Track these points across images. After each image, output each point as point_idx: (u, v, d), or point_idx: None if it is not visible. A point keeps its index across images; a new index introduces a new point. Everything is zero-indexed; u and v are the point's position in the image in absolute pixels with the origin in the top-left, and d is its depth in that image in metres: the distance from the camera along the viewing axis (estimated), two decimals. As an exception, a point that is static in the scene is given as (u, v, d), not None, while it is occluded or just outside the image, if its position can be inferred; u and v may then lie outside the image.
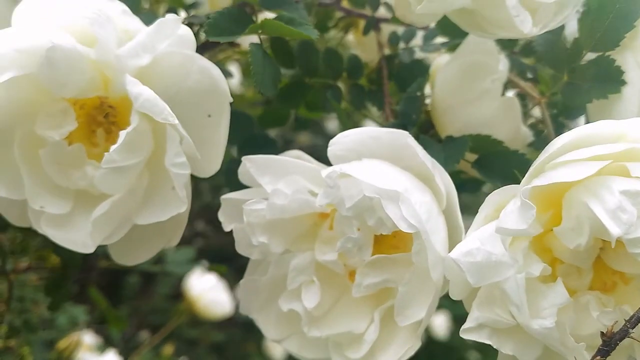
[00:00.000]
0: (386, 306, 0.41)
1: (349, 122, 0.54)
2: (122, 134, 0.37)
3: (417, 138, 0.49)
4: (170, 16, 0.39)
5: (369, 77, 0.59)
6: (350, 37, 0.67)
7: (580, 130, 0.36)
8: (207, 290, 1.21)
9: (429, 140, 0.48)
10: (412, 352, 0.39)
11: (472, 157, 0.48)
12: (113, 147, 0.37)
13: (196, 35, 0.58)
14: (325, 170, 0.39)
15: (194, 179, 0.44)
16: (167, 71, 0.41)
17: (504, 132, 0.48)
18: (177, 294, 1.51)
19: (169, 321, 1.39)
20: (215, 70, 0.41)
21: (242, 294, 0.44)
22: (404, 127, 0.50)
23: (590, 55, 0.43)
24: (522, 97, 0.54)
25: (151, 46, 0.38)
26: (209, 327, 1.60)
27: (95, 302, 1.19)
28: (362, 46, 0.67)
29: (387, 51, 0.60)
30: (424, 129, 0.53)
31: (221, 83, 0.41)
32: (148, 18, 0.48)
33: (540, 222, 0.36)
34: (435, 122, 0.51)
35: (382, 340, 0.41)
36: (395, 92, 0.59)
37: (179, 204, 0.39)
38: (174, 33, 0.39)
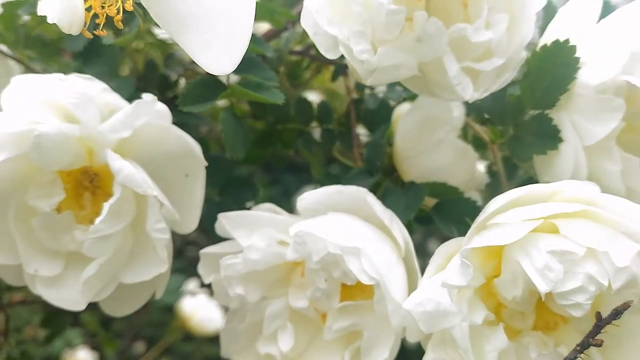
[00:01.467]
0: (356, 346, 0.46)
1: (321, 169, 0.58)
2: (106, 206, 0.41)
3: (381, 183, 0.54)
4: (147, 96, 0.43)
5: (339, 121, 0.63)
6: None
7: (515, 192, 0.40)
8: (198, 308, 1.24)
9: (392, 187, 0.52)
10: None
11: (432, 201, 0.52)
12: (98, 219, 0.41)
13: (174, 84, 0.63)
14: (293, 228, 0.43)
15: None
16: (146, 139, 0.45)
17: (460, 177, 0.52)
18: (172, 307, 1.54)
19: (164, 334, 1.42)
20: (190, 139, 0.45)
21: (223, 340, 0.48)
22: (370, 173, 0.55)
23: (532, 112, 0.47)
24: (479, 139, 0.58)
25: (130, 123, 0.42)
26: (202, 342, 1.63)
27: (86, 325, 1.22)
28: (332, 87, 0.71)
29: (354, 95, 0.64)
30: (388, 172, 0.57)
31: (195, 149, 0.45)
32: (126, 84, 0.52)
33: (483, 273, 0.40)
34: (397, 167, 0.56)
35: (350, 379, 0.45)
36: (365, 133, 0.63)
37: (161, 264, 0.43)
38: (151, 110, 0.43)
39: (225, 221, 0.45)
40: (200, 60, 0.38)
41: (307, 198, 0.45)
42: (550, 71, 0.44)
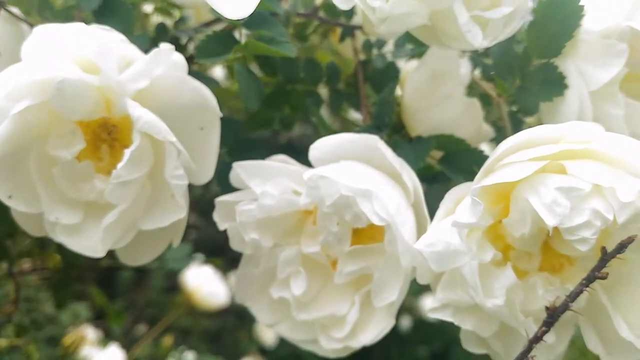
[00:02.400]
0: (365, 290, 0.47)
1: (329, 127, 0.59)
2: (127, 152, 0.42)
3: (390, 138, 0.55)
4: (164, 45, 0.44)
5: (347, 81, 0.64)
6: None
7: (523, 134, 0.41)
8: (204, 283, 1.25)
9: (400, 140, 0.54)
10: (387, 330, 0.45)
11: (439, 154, 0.53)
12: (119, 165, 0.42)
13: (184, 47, 0.64)
14: (306, 173, 0.44)
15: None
16: (163, 91, 0.45)
17: (466, 131, 0.54)
18: (172, 287, 1.56)
19: (165, 314, 1.44)
20: (206, 90, 0.46)
21: (237, 285, 0.49)
22: (379, 129, 0.56)
23: (537, 62, 0.48)
24: (485, 96, 0.59)
25: (148, 72, 0.43)
26: (201, 316, 1.64)
27: (93, 298, 1.24)
28: (340, 50, 0.72)
29: (362, 57, 0.65)
30: (396, 129, 0.58)
31: (211, 100, 0.46)
32: (141, 40, 0.53)
33: (491, 215, 0.42)
34: (405, 123, 0.57)
35: (362, 320, 0.47)
36: (372, 94, 0.64)
37: (179, 211, 0.44)
38: (168, 60, 0.44)
39: (240, 170, 0.47)
40: (217, 5, 0.39)
41: (319, 147, 0.47)
42: (555, 19, 0.46)
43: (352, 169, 0.45)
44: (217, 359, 1.45)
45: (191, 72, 0.56)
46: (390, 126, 0.56)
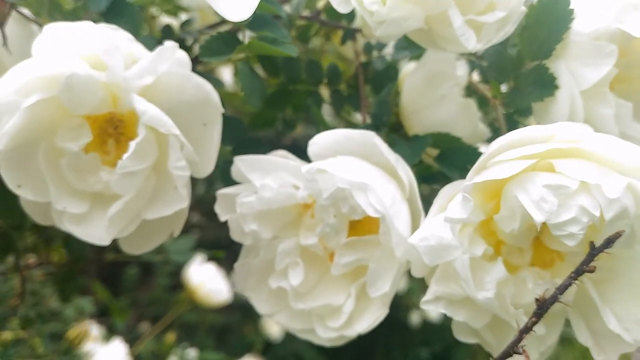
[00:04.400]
0: (361, 282, 0.49)
1: (329, 126, 0.61)
2: (132, 144, 0.44)
3: (387, 137, 0.57)
4: (168, 43, 0.46)
5: (348, 82, 0.66)
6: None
7: (514, 134, 0.43)
8: (206, 279, 1.27)
9: (397, 138, 0.55)
10: (381, 319, 0.47)
11: (436, 152, 0.55)
12: (125, 155, 0.44)
13: (190, 47, 0.65)
14: (304, 167, 0.46)
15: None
16: (167, 87, 0.47)
17: (462, 130, 0.55)
18: (176, 285, 1.57)
19: (169, 311, 1.45)
20: (208, 86, 0.47)
21: (237, 275, 0.51)
22: (377, 128, 0.58)
23: (530, 64, 0.50)
24: (482, 98, 0.61)
25: (153, 69, 0.45)
26: (207, 311, 1.65)
27: (97, 294, 1.25)
28: (343, 52, 0.74)
29: (363, 59, 0.66)
30: (395, 128, 0.60)
31: (213, 96, 0.48)
32: (147, 41, 0.55)
33: (483, 211, 0.43)
34: (403, 123, 0.58)
35: (357, 310, 0.48)
36: (373, 95, 0.66)
37: (181, 201, 0.46)
38: (172, 57, 0.46)
39: (241, 164, 0.48)
40: (219, 8, 0.41)
41: (318, 142, 0.48)
42: (546, 23, 0.47)
43: (349, 163, 0.47)
44: (220, 356, 1.46)
45: (198, 74, 0.58)
46: (389, 125, 0.58)
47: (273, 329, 1.61)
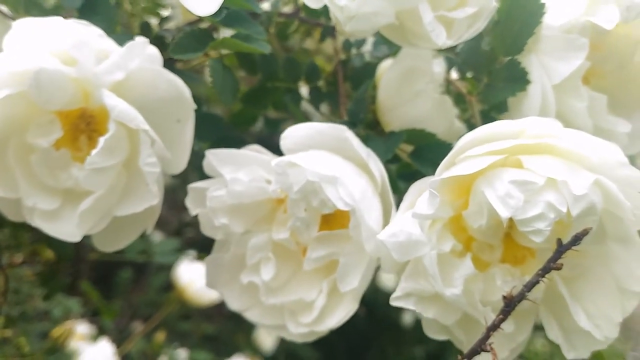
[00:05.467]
0: (333, 277, 0.48)
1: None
2: (102, 140, 0.44)
3: (364, 134, 0.57)
4: (139, 39, 0.45)
5: (327, 80, 0.66)
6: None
7: (483, 129, 0.43)
8: (195, 279, 1.26)
9: (372, 135, 0.55)
10: (351, 314, 0.47)
11: (411, 149, 0.55)
12: (94, 151, 0.44)
13: (169, 45, 0.65)
14: (275, 160, 0.46)
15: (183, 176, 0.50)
16: (139, 83, 0.47)
17: (438, 127, 0.55)
18: (170, 286, 1.57)
19: (161, 307, 1.45)
20: (180, 82, 0.47)
21: (208, 270, 0.51)
22: (353, 125, 0.57)
23: (503, 59, 0.50)
24: (460, 95, 0.61)
25: (124, 64, 0.45)
26: (200, 319, 1.66)
27: (87, 294, 1.25)
28: (324, 50, 0.74)
29: (342, 56, 0.66)
30: (372, 125, 0.60)
31: (185, 92, 0.48)
32: (123, 38, 0.55)
33: (453, 207, 0.43)
34: (380, 119, 0.58)
35: (329, 306, 0.48)
36: (351, 92, 0.66)
37: (152, 198, 0.46)
38: (143, 52, 0.46)
39: (213, 157, 0.48)
40: (186, 2, 0.41)
41: (290, 136, 0.48)
42: (518, 18, 0.47)
43: (320, 157, 0.47)
44: (210, 355, 1.46)
45: (179, 71, 0.58)
46: (365, 122, 0.58)
47: (266, 340, 1.60)
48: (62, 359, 1.06)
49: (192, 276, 1.27)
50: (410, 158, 0.53)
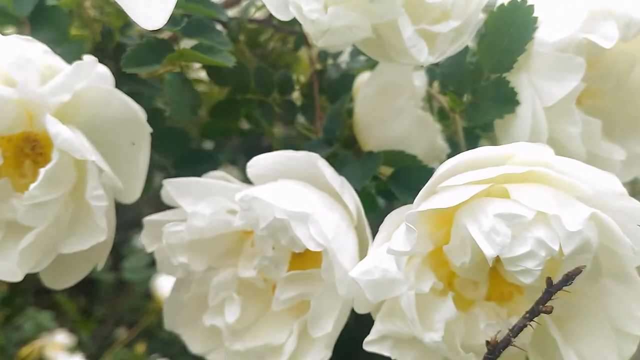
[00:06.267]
0: (304, 319, 0.44)
1: (279, 141, 0.56)
2: (42, 172, 0.39)
3: (339, 154, 0.52)
4: (87, 57, 0.41)
5: (302, 92, 0.62)
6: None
7: (466, 155, 0.38)
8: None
9: (349, 156, 0.51)
10: (324, 362, 0.42)
11: (390, 171, 0.51)
12: (32, 185, 0.39)
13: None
14: (239, 194, 0.41)
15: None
16: (89, 103, 0.43)
17: (419, 146, 0.51)
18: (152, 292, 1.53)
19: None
20: (133, 103, 0.43)
21: (167, 312, 0.46)
22: (329, 143, 0.53)
23: (490, 76, 0.46)
24: (443, 110, 0.57)
25: (69, 86, 0.41)
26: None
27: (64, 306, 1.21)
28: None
29: (318, 66, 0.62)
30: (349, 143, 0.56)
31: (139, 114, 0.43)
32: (74, 48, 0.50)
33: (433, 239, 0.39)
34: (357, 137, 0.54)
35: (299, 350, 0.44)
36: (329, 105, 0.61)
37: (99, 233, 0.41)
38: (91, 72, 0.41)
39: (170, 187, 0.44)
40: (132, 14, 0.37)
41: (258, 164, 0.44)
42: (507, 32, 0.43)
43: (289, 190, 0.43)
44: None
45: (139, 79, 0.53)
46: (342, 140, 0.54)
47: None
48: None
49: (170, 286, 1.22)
50: (389, 183, 0.49)
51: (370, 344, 0.40)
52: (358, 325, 0.45)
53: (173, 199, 0.44)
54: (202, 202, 0.44)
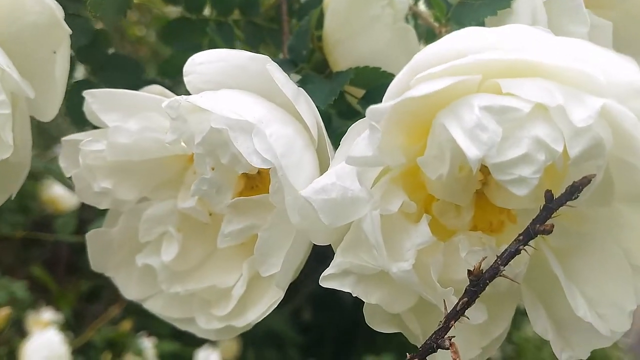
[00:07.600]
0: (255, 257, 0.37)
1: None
2: None
3: (306, 76, 0.45)
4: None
5: (269, 15, 0.54)
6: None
7: (447, 41, 0.31)
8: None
9: (315, 75, 0.44)
10: (276, 305, 0.35)
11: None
12: None
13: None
14: (167, 101, 0.34)
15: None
16: (4, 9, 0.37)
17: (398, 64, 0.42)
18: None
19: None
20: (52, 2, 0.36)
21: (92, 249, 0.39)
22: (294, 64, 0.46)
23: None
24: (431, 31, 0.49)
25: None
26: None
27: (41, 279, 1.15)
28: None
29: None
30: (320, 68, 0.48)
31: (56, 12, 0.36)
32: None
33: (406, 153, 0.31)
34: (328, 58, 0.47)
35: (250, 295, 0.37)
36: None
37: (5, 149, 0.34)
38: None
39: (92, 100, 0.36)
40: None
41: (198, 71, 0.36)
42: None
43: (234, 98, 0.35)
44: (177, 346, 1.38)
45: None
46: (309, 61, 0.46)
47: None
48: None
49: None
50: (359, 104, 0.41)
51: (327, 280, 0.32)
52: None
53: (96, 115, 0.36)
54: (132, 119, 0.36)
